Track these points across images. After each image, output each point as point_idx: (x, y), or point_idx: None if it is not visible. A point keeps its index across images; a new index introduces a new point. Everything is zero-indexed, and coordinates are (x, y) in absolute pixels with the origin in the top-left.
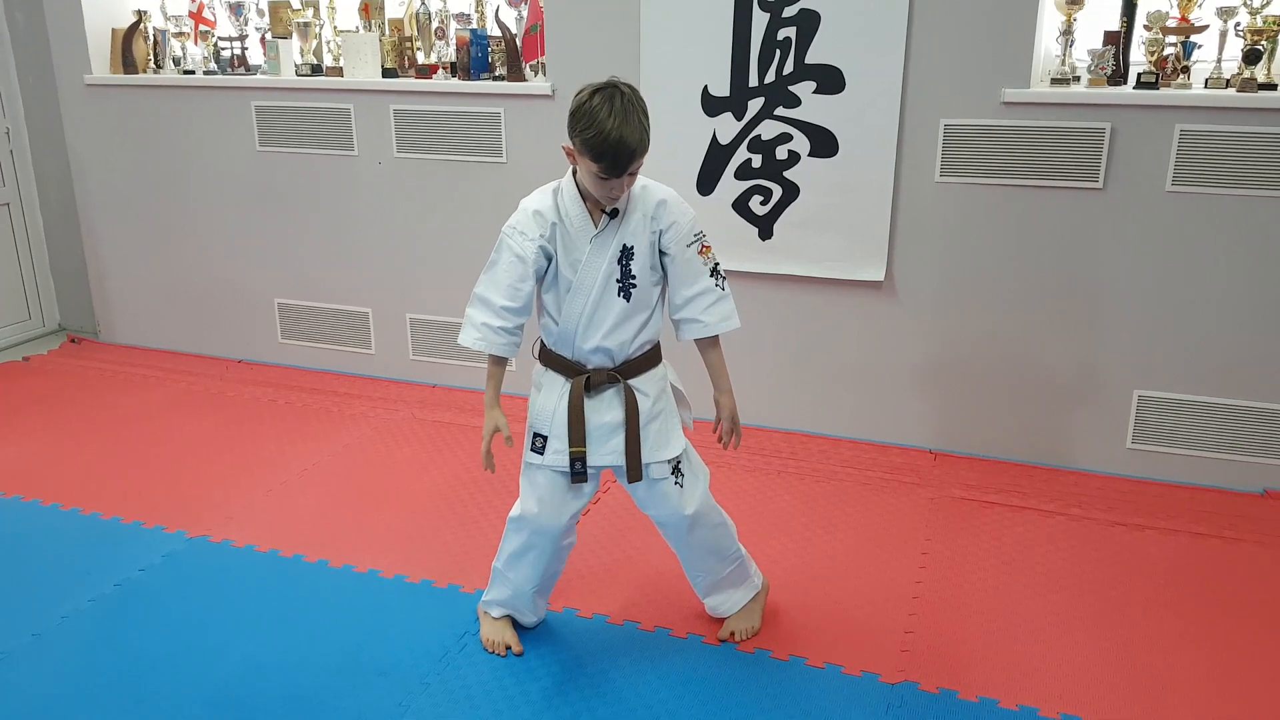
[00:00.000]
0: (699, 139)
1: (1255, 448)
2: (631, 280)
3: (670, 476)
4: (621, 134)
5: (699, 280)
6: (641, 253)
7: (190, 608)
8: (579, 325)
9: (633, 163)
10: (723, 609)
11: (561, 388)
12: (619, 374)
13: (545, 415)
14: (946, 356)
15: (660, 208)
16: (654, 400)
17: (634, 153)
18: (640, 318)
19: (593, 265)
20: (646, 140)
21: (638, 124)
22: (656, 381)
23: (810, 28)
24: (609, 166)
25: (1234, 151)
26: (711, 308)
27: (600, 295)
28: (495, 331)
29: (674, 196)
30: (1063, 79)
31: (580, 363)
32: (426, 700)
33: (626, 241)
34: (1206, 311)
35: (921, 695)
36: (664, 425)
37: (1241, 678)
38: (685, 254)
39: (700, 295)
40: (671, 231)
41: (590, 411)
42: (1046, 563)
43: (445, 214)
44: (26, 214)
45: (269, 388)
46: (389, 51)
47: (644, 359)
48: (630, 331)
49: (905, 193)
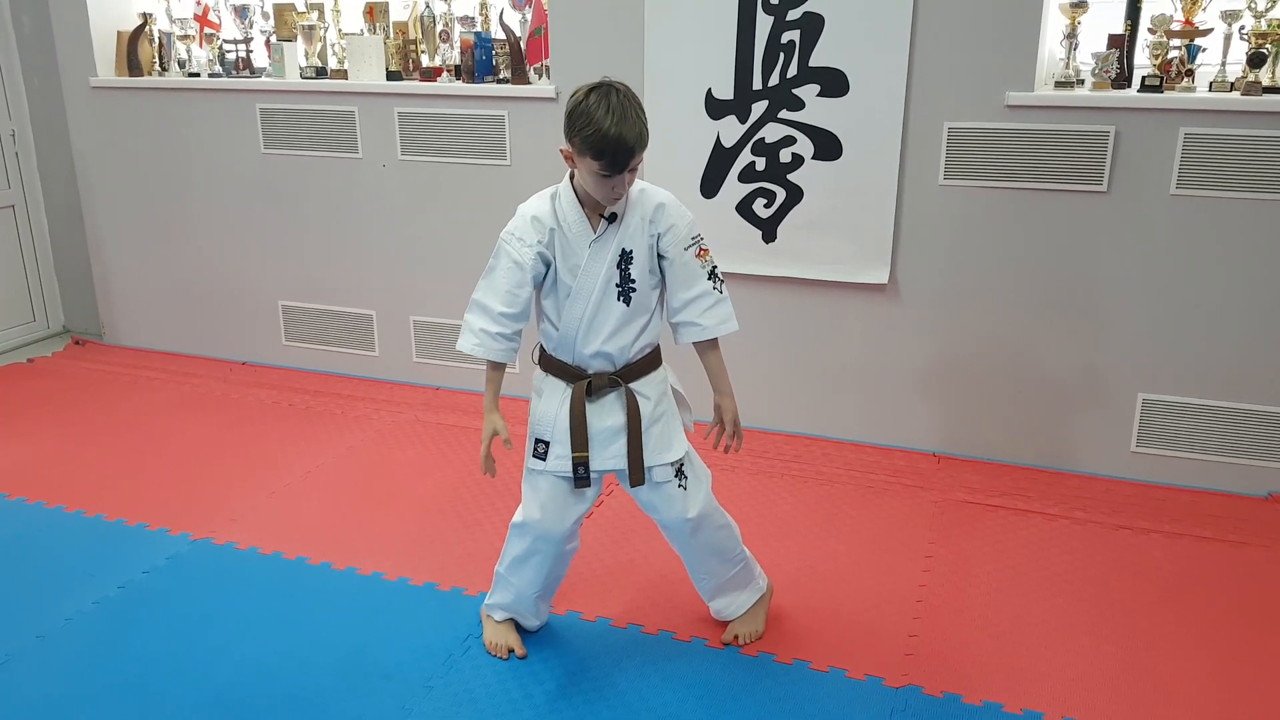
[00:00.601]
0: (703, 142)
1: (1260, 451)
2: (631, 284)
3: (674, 479)
4: (620, 130)
5: (697, 283)
6: (640, 256)
7: (194, 610)
8: (579, 330)
9: (633, 158)
10: (728, 612)
11: (563, 393)
12: (620, 378)
13: (547, 421)
14: (950, 359)
15: (658, 211)
16: (655, 403)
17: (633, 148)
18: (640, 321)
19: (592, 270)
20: (645, 135)
21: (635, 119)
22: (657, 384)
23: (814, 31)
24: (610, 163)
25: (1238, 155)
26: (709, 311)
27: (600, 300)
28: (493, 337)
29: (672, 200)
30: (1067, 82)
31: (581, 367)
32: (430, 703)
33: (625, 245)
34: (1211, 315)
35: (926, 699)
36: (666, 428)
37: (1246, 681)
38: (683, 257)
39: (698, 298)
40: (670, 235)
41: (592, 416)
42: (1050, 566)
43: (449, 216)
44: (31, 216)
45: (273, 390)
46: (393, 54)
47: (645, 362)
48: (630, 335)
49: (909, 196)
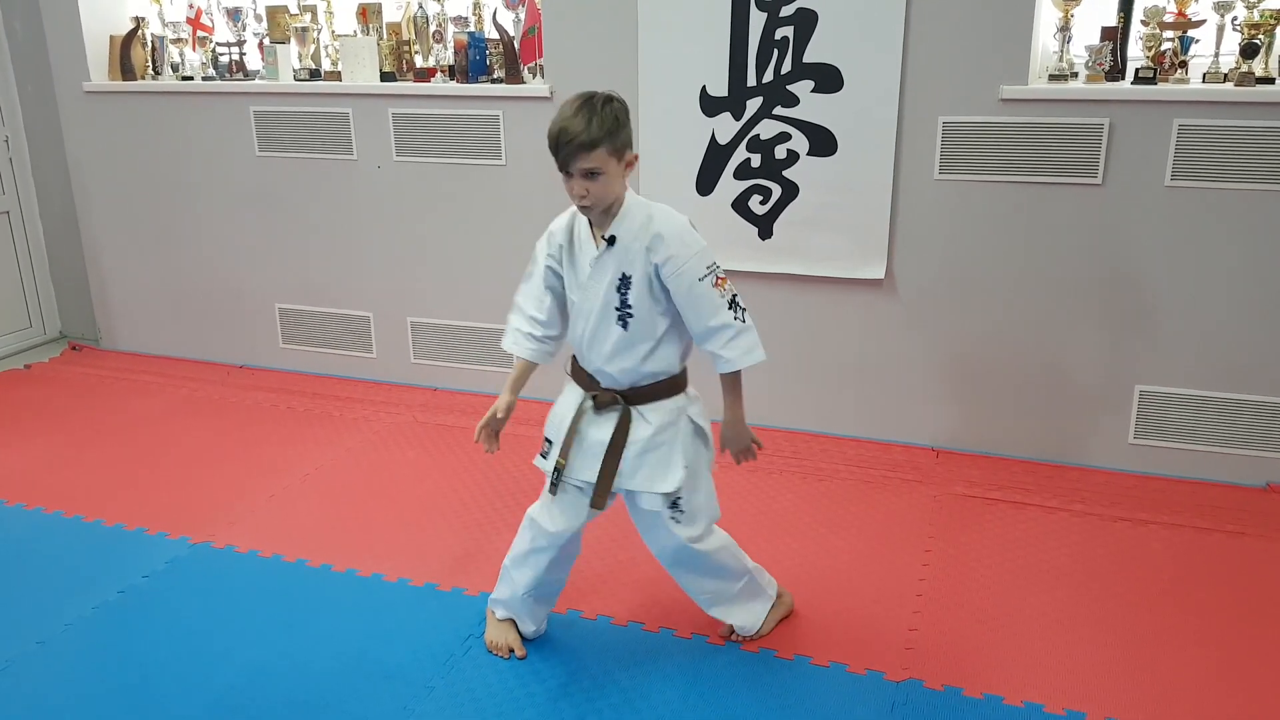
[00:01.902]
0: (698, 139)
1: (1257, 442)
2: (628, 309)
3: (665, 510)
4: (567, 125)
5: (716, 314)
6: (639, 283)
7: (194, 614)
8: (581, 346)
9: (579, 156)
10: (749, 627)
11: (575, 399)
12: (624, 397)
13: (556, 421)
14: (948, 354)
15: (656, 241)
16: (657, 430)
17: (578, 143)
18: (643, 347)
19: (591, 290)
20: (597, 136)
21: (591, 119)
22: (667, 413)
23: (808, 27)
24: (560, 159)
25: (1232, 145)
26: (732, 343)
27: (599, 321)
28: (526, 337)
29: (675, 230)
30: (1061, 75)
31: (594, 378)
32: (431, 704)
33: (625, 270)
34: (1207, 306)
35: (926, 693)
36: (663, 457)
37: (1245, 672)
38: (696, 288)
39: (719, 330)
40: (669, 266)
41: (589, 425)
42: (1050, 559)
43: (445, 217)
44: (27, 221)
45: (270, 393)
46: (387, 55)
47: (656, 388)
48: (633, 360)
49: (904, 190)
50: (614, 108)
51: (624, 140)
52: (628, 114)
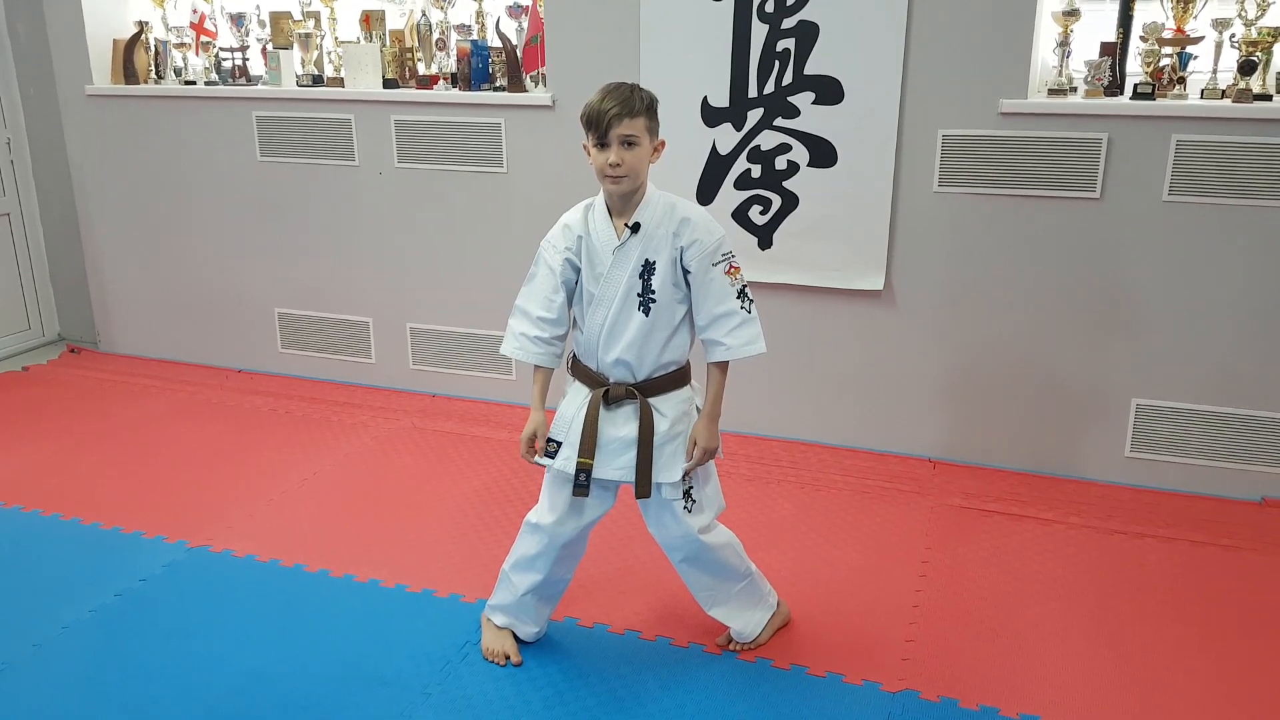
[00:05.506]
0: (699, 149)
1: (1253, 456)
2: (651, 295)
3: (681, 500)
4: (608, 94)
5: (724, 300)
6: (663, 268)
7: (191, 618)
8: (600, 337)
9: (621, 121)
10: (748, 633)
11: (584, 397)
12: (639, 390)
13: (564, 421)
14: (945, 365)
15: (684, 225)
16: (672, 422)
17: (616, 112)
18: (661, 335)
19: (613, 278)
20: (637, 107)
21: (632, 93)
22: (678, 404)
23: (809, 39)
24: (596, 131)
25: (1230, 161)
26: (735, 330)
27: (620, 308)
28: (532, 341)
29: (701, 216)
30: (1060, 90)
31: (603, 375)
32: (428, 710)
33: (649, 256)
34: (1204, 320)
35: (923, 704)
36: (679, 448)
37: (1242, 685)
38: (710, 273)
39: (725, 316)
40: (694, 249)
41: (606, 423)
42: (1046, 571)
43: (446, 224)
44: (27, 224)
45: (269, 397)
46: (390, 62)
47: (667, 379)
48: (652, 349)
49: (904, 202)
50: (641, 89)
51: (657, 123)
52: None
